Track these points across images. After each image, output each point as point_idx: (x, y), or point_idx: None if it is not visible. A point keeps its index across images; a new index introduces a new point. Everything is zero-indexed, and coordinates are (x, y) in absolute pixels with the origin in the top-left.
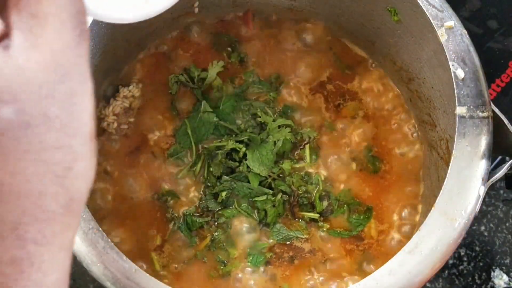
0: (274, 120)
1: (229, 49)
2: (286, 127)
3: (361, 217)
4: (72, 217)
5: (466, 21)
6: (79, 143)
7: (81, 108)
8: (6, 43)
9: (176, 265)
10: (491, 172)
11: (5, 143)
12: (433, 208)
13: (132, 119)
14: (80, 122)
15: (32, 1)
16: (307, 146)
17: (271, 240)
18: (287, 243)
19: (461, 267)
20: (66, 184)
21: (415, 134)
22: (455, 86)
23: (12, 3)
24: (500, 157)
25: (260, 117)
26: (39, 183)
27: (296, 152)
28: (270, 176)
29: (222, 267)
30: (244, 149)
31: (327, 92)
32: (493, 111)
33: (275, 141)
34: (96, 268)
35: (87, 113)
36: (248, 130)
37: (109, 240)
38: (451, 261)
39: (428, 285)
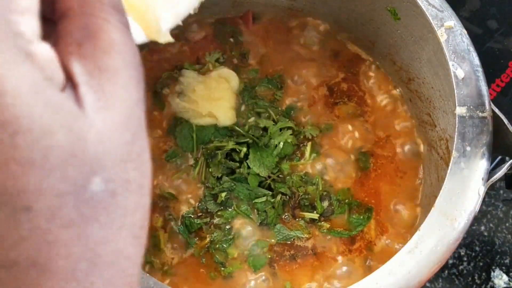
0: (275, 123)
1: (231, 39)
2: (287, 130)
3: (361, 217)
4: (139, 276)
5: (466, 21)
6: (148, 199)
7: (148, 165)
8: (71, 95)
9: (176, 266)
10: (491, 172)
11: (97, 215)
12: (433, 208)
13: None
14: (149, 179)
15: (99, 52)
16: (309, 144)
17: (272, 240)
18: (288, 242)
19: (461, 267)
20: (141, 244)
21: (415, 134)
22: (455, 86)
23: (71, 49)
24: (500, 157)
25: (264, 118)
26: (124, 249)
27: (298, 151)
28: (269, 177)
29: (222, 269)
30: (244, 149)
31: (326, 92)
32: (493, 111)
33: (276, 144)
34: None
35: (150, 168)
36: (250, 131)
37: None
38: (451, 261)
39: (428, 285)
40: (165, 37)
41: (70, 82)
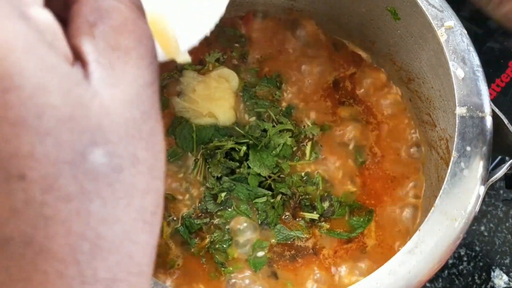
0: (275, 124)
1: (232, 40)
2: (286, 132)
3: (362, 219)
4: (152, 267)
5: (466, 21)
6: (161, 185)
7: (160, 148)
8: (80, 70)
9: (176, 267)
10: (491, 172)
11: (100, 190)
12: (433, 208)
13: None
14: (162, 163)
15: (110, 30)
16: (309, 144)
17: (272, 240)
18: (288, 242)
19: (461, 267)
20: (152, 232)
21: (415, 134)
22: (455, 86)
23: (82, 28)
24: (500, 157)
25: (264, 120)
26: (133, 233)
27: (298, 151)
28: (270, 177)
29: (223, 269)
30: (244, 148)
31: (327, 91)
32: (493, 111)
33: (275, 146)
34: None
35: (164, 153)
36: (249, 132)
37: None
38: (451, 261)
39: (428, 285)
40: (183, 57)
41: (80, 61)
